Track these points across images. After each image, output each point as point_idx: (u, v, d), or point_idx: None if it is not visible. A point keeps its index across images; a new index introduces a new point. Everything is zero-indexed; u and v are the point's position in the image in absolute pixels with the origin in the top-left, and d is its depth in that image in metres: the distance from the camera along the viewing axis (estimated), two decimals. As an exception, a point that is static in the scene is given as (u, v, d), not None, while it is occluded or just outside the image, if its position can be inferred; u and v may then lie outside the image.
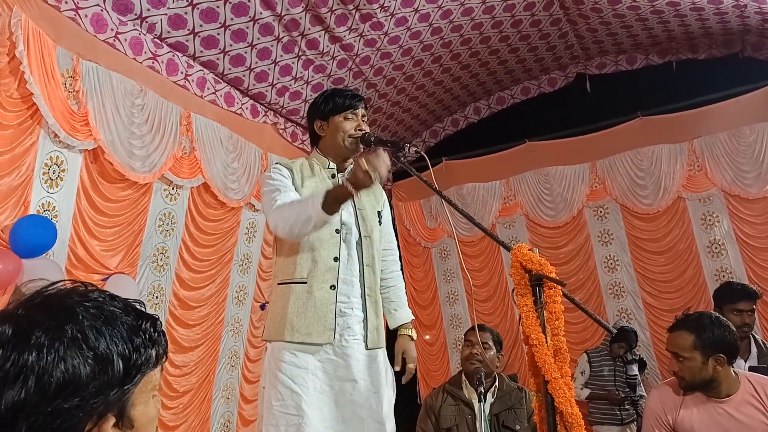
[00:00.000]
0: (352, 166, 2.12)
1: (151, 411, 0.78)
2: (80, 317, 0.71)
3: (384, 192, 2.32)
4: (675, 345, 2.07)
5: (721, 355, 2.00)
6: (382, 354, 2.08)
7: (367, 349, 2.01)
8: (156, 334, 0.78)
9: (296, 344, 1.92)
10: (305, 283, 1.95)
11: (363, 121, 2.13)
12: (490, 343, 2.79)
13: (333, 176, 2.11)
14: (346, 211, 2.05)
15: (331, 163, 2.13)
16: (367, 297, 2.04)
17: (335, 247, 1.99)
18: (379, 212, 2.18)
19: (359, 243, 2.07)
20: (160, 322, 0.81)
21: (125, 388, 0.72)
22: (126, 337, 0.73)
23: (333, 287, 1.96)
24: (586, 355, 4.34)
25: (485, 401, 2.58)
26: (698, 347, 2.01)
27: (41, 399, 0.65)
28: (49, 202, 2.81)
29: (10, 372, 0.65)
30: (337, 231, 2.01)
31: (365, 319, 2.03)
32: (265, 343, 2.07)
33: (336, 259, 1.99)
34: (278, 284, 2.01)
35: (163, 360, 0.80)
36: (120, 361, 0.71)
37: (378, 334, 2.06)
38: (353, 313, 2.00)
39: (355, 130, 2.08)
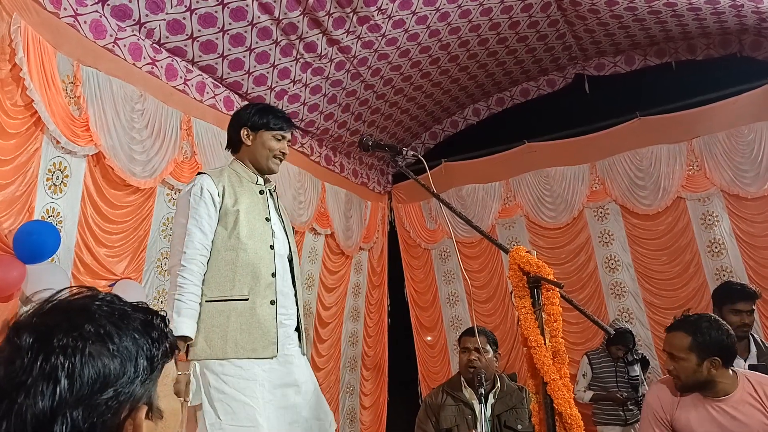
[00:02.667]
0: (274, 186, 2.25)
1: (175, 404, 0.81)
2: (96, 315, 0.73)
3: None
4: (671, 345, 2.08)
5: (717, 358, 2.00)
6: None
7: (303, 354, 2.12)
8: (166, 328, 0.81)
9: (240, 359, 1.94)
10: (246, 300, 1.98)
11: (288, 145, 2.23)
12: (487, 347, 2.77)
13: (261, 192, 2.17)
14: (278, 227, 2.15)
15: (259, 179, 2.19)
16: (299, 308, 2.15)
17: (272, 263, 2.06)
18: (293, 229, 2.32)
19: (290, 258, 2.17)
20: (167, 317, 0.84)
21: (152, 375, 0.75)
22: (142, 331, 0.76)
23: (273, 302, 2.02)
24: (587, 357, 4.34)
25: (486, 402, 2.58)
26: (694, 349, 2.00)
27: (76, 397, 0.67)
28: (53, 208, 2.82)
29: (40, 377, 0.67)
30: (272, 247, 2.08)
31: (298, 328, 2.13)
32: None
33: (273, 275, 2.05)
34: (209, 302, 1.98)
35: (176, 353, 0.83)
36: (142, 352, 0.74)
37: (308, 340, 2.15)
38: (290, 323, 2.09)
39: (279, 152, 2.18)
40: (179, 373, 1.84)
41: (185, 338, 1.88)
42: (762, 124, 4.51)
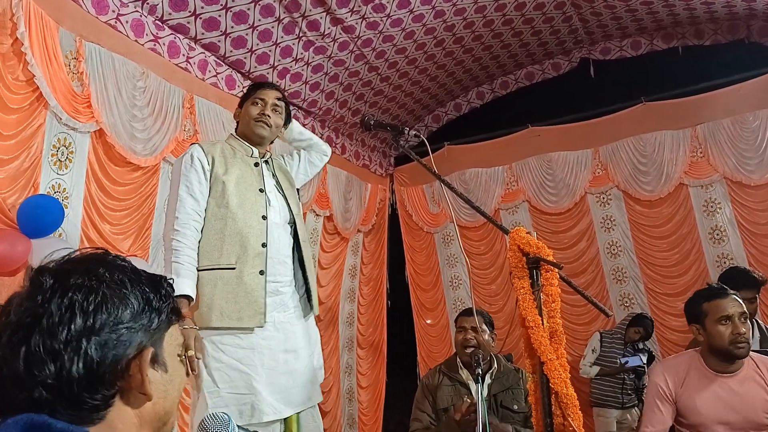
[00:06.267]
0: (270, 155, 2.27)
1: (181, 367, 0.86)
2: (111, 265, 0.80)
3: (288, 165, 2.42)
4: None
5: None
6: (312, 319, 2.23)
7: (304, 318, 2.16)
8: (171, 290, 0.86)
9: (238, 329, 1.98)
10: (234, 268, 1.99)
11: (274, 110, 2.21)
12: (484, 326, 2.77)
13: (257, 164, 2.18)
14: (274, 195, 2.17)
15: (254, 151, 2.21)
16: (307, 270, 2.18)
17: (263, 233, 2.06)
18: (297, 190, 2.33)
19: (292, 223, 2.18)
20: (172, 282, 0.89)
21: (159, 326, 0.81)
22: (150, 285, 0.82)
23: (262, 272, 2.02)
24: (599, 334, 4.39)
25: (483, 383, 2.59)
26: None
27: (88, 331, 0.73)
28: (59, 184, 2.82)
29: (57, 311, 0.72)
30: (264, 218, 2.08)
31: (298, 290, 2.16)
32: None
33: (264, 245, 2.05)
34: (198, 271, 2.00)
35: (182, 319, 0.89)
36: (151, 302, 0.80)
37: (311, 303, 2.19)
38: (287, 290, 2.11)
39: (258, 114, 2.17)
40: (187, 327, 1.85)
41: (187, 297, 1.91)
42: (767, 111, 4.48)
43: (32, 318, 0.72)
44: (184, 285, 1.89)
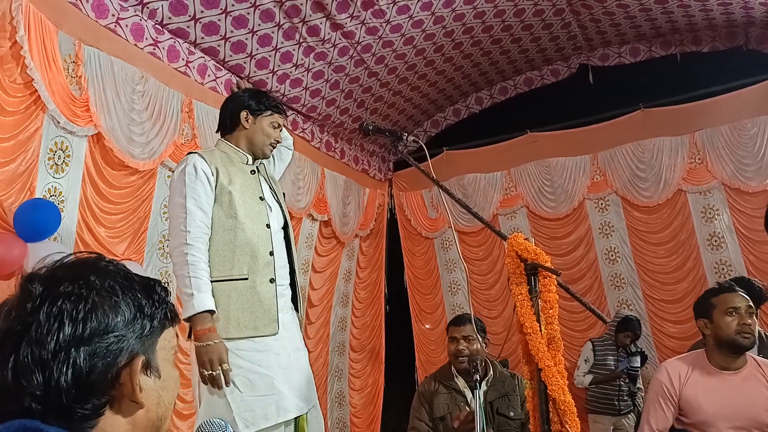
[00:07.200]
0: (260, 161, 2.30)
1: (175, 372, 0.85)
2: (103, 271, 0.78)
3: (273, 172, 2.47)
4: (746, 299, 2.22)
5: None
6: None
7: (297, 314, 2.23)
8: (165, 295, 0.84)
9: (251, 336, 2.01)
10: (246, 279, 2.02)
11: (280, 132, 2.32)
12: (473, 335, 2.73)
13: (252, 172, 2.21)
14: (271, 202, 2.20)
15: (249, 159, 2.23)
16: (296, 272, 2.23)
17: (269, 242, 2.10)
18: (283, 194, 2.39)
19: (284, 228, 2.23)
20: (168, 286, 0.87)
21: (151, 333, 0.79)
22: (143, 291, 0.81)
23: (272, 280, 2.07)
24: (591, 343, 4.37)
25: (479, 389, 2.58)
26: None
27: (78, 339, 0.71)
28: (55, 188, 2.82)
29: (47, 319, 0.71)
30: (268, 226, 2.11)
31: (293, 292, 2.22)
32: None
33: (271, 253, 2.09)
34: (210, 281, 1.99)
35: (177, 321, 0.87)
36: (143, 309, 0.79)
37: (301, 301, 2.27)
38: (287, 293, 2.17)
39: (275, 140, 2.24)
40: (216, 341, 1.87)
41: (211, 312, 1.92)
42: (765, 117, 4.49)
43: (21, 327, 0.71)
44: (207, 300, 1.91)
